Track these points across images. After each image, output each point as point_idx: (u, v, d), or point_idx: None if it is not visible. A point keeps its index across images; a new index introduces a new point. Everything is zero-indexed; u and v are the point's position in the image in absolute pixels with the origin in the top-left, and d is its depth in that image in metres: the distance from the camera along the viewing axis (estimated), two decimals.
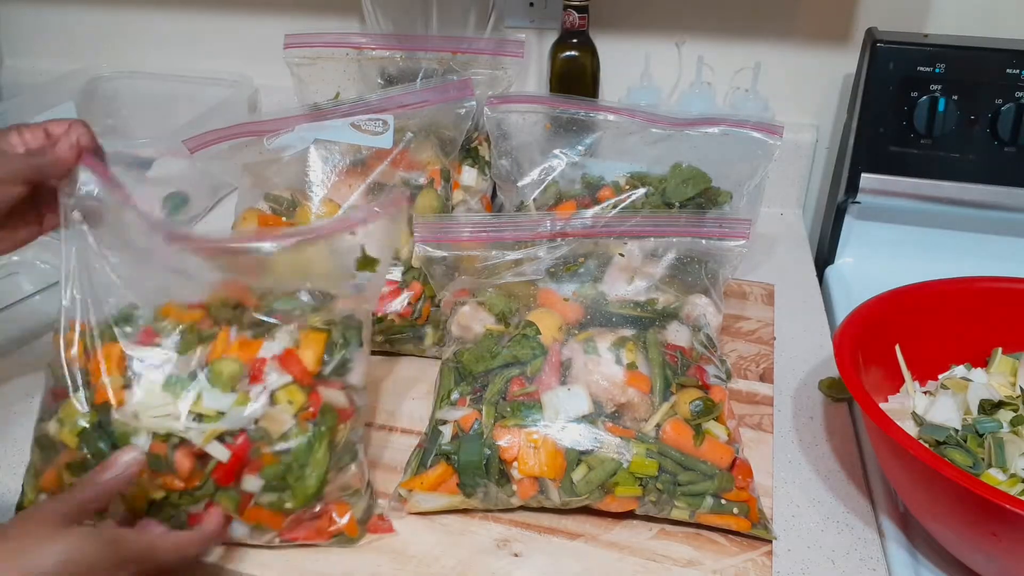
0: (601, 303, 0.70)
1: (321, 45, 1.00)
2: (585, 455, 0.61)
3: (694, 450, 0.61)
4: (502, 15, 1.10)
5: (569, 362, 0.65)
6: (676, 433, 0.62)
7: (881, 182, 0.97)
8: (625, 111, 0.89)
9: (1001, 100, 0.91)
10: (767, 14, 1.09)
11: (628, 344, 0.65)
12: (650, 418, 0.63)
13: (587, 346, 0.65)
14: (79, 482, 0.53)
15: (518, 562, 0.60)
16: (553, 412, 0.62)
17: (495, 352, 0.66)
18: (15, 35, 1.44)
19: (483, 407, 0.63)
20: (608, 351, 0.65)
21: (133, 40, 1.37)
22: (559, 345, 0.66)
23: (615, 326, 0.68)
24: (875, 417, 0.57)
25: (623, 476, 0.60)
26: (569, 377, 0.64)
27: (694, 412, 0.63)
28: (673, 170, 0.86)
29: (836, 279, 1.02)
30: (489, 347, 0.67)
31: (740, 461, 0.63)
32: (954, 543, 0.59)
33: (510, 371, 0.65)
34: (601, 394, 0.63)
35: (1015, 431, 0.64)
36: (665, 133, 0.87)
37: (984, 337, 0.74)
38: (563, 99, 0.90)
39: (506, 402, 0.63)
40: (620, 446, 0.61)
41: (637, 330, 0.68)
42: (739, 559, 0.60)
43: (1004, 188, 0.94)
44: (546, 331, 0.67)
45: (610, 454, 0.60)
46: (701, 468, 0.61)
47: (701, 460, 0.61)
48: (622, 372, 0.64)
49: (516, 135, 0.90)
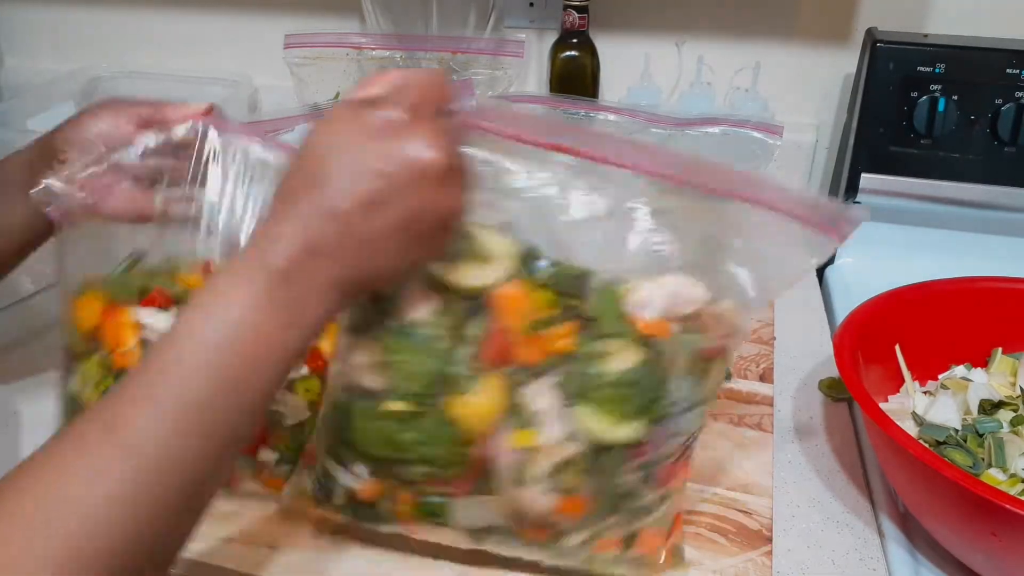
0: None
1: (321, 45, 1.00)
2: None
3: (622, 553, 0.55)
4: (502, 15, 1.10)
5: (492, 465, 0.51)
6: (602, 546, 0.54)
7: (881, 182, 0.97)
8: (625, 111, 0.89)
9: (1001, 100, 0.91)
10: (767, 14, 1.09)
11: (572, 471, 0.51)
12: (572, 536, 0.54)
13: (513, 465, 0.51)
14: None
15: None
16: (463, 520, 0.54)
17: (398, 444, 0.51)
18: (15, 35, 1.44)
19: (384, 483, 0.54)
20: (541, 476, 0.51)
21: (133, 40, 1.37)
22: (482, 447, 0.51)
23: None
24: (875, 417, 0.57)
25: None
26: (486, 484, 0.52)
27: (630, 524, 0.54)
28: None
29: (836, 279, 1.02)
30: (388, 434, 0.51)
31: (675, 527, 0.57)
32: (954, 543, 0.59)
33: (415, 470, 0.52)
34: (523, 513, 0.52)
35: (1015, 431, 0.64)
36: (665, 133, 0.87)
37: (984, 337, 0.74)
38: (563, 99, 0.90)
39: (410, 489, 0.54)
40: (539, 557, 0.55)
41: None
42: (739, 559, 0.60)
43: (1004, 188, 0.94)
44: (474, 428, 0.50)
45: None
46: (627, 562, 0.56)
47: (628, 558, 0.56)
48: (552, 501, 0.52)
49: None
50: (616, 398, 0.50)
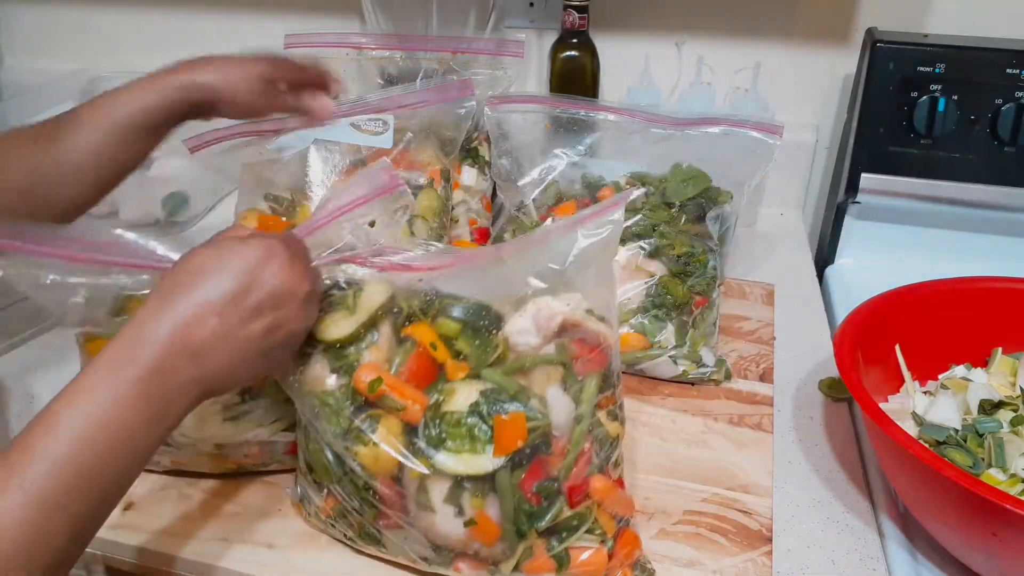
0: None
1: (321, 45, 1.00)
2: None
3: (559, 574, 0.55)
4: (502, 15, 1.10)
5: (405, 502, 0.55)
6: (534, 568, 0.55)
7: (881, 182, 0.97)
8: (625, 111, 0.89)
9: (1001, 100, 0.91)
10: (767, 14, 1.09)
11: (473, 499, 0.53)
12: (503, 564, 0.54)
13: (419, 496, 0.54)
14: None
15: None
16: (393, 548, 0.58)
17: (334, 475, 0.57)
18: (15, 35, 1.44)
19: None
20: (445, 504, 0.53)
21: (133, 40, 1.37)
22: (392, 484, 0.55)
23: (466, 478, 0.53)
24: (875, 417, 0.57)
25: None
26: (407, 518, 0.55)
27: (554, 544, 0.54)
28: (673, 170, 0.86)
29: (836, 279, 1.02)
30: (325, 466, 0.58)
31: (621, 541, 0.57)
32: (954, 543, 0.59)
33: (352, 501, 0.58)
34: (444, 543, 0.55)
35: (1015, 431, 0.64)
36: (665, 133, 0.87)
37: (984, 337, 0.74)
38: (563, 99, 0.90)
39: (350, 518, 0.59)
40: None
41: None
42: (739, 559, 0.60)
43: (1004, 188, 0.94)
44: (376, 469, 0.55)
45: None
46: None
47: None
48: (461, 528, 0.53)
49: (516, 135, 0.90)
50: (462, 435, 0.52)
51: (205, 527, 0.63)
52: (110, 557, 0.63)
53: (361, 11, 1.10)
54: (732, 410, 0.76)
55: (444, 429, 0.53)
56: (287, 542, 0.62)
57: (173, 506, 0.65)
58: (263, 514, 0.64)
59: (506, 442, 0.52)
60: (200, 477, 0.67)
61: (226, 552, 0.61)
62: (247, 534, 0.62)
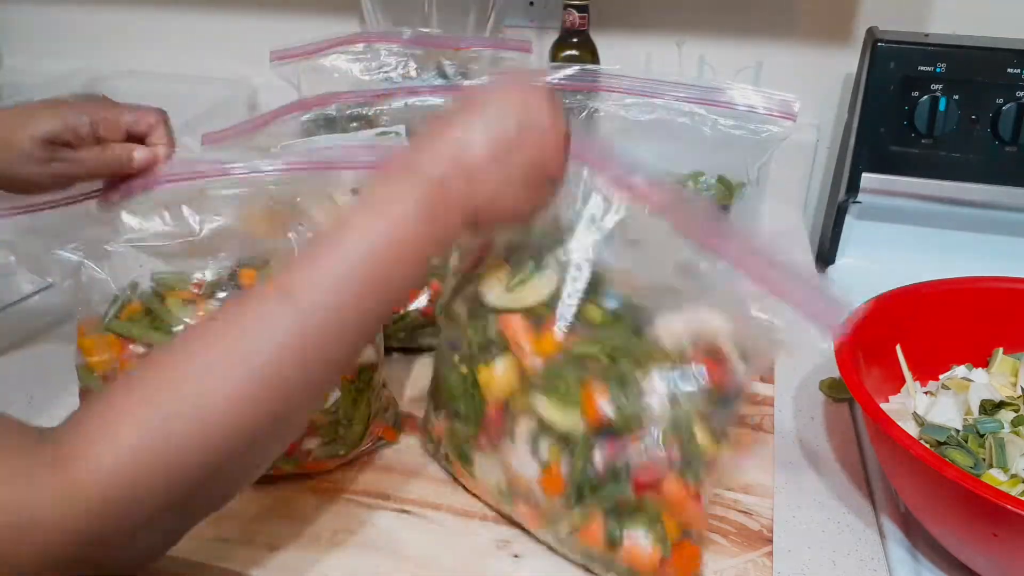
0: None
1: (302, 56, 0.98)
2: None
3: (609, 553, 0.56)
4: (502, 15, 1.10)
5: (507, 429, 0.59)
6: (587, 537, 0.56)
7: (882, 182, 0.97)
8: (628, 90, 0.85)
9: (1002, 100, 0.91)
10: (768, 13, 1.09)
11: (551, 446, 0.56)
12: (560, 523, 0.57)
13: (511, 426, 0.58)
14: None
15: (518, 563, 0.60)
16: (484, 474, 0.62)
17: (454, 395, 0.62)
18: (15, 35, 1.44)
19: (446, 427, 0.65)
20: (526, 444, 0.57)
21: (133, 40, 1.37)
22: (499, 413, 0.59)
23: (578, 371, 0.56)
24: (876, 417, 0.57)
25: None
26: (504, 444, 0.59)
27: (611, 523, 0.56)
28: (693, 177, 0.84)
29: (836, 279, 1.02)
30: (449, 388, 0.63)
31: (680, 551, 0.56)
32: (955, 544, 0.59)
33: (456, 424, 0.63)
34: (515, 480, 0.59)
35: (1016, 431, 0.64)
36: (680, 110, 0.84)
37: (985, 337, 0.74)
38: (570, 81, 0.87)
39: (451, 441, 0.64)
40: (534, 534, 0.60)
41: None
42: (740, 559, 0.60)
43: (1005, 188, 0.94)
44: (493, 396, 0.59)
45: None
46: (617, 570, 0.57)
47: (618, 564, 0.56)
48: (535, 469, 0.57)
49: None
50: (562, 390, 0.55)
51: (205, 527, 0.62)
52: None
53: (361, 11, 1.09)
54: None
55: (553, 378, 0.56)
56: (287, 543, 0.62)
57: None
58: (263, 514, 0.64)
59: (594, 412, 0.54)
60: None
61: (226, 552, 0.61)
62: (247, 534, 0.62)
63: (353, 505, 0.65)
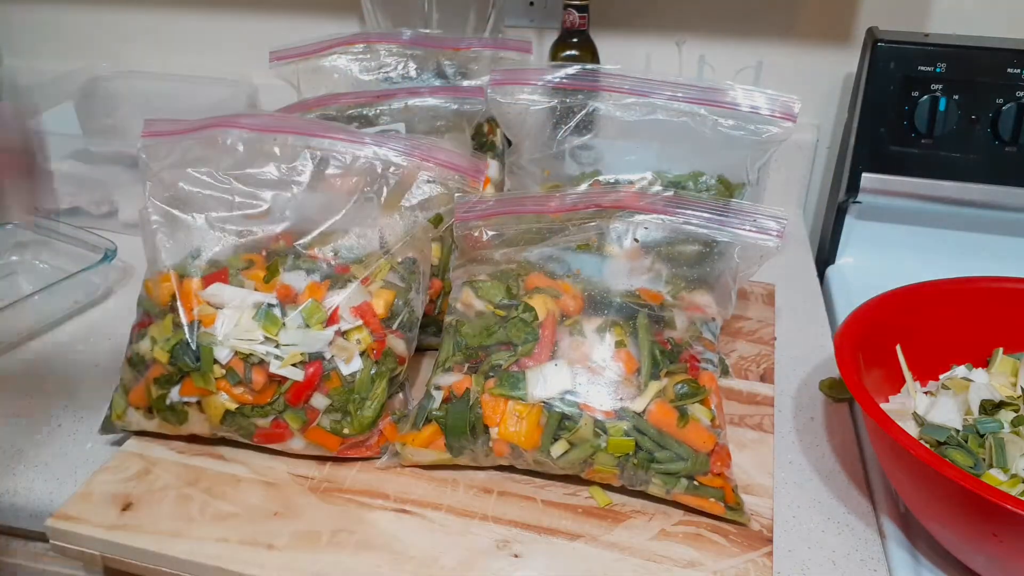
0: (601, 291, 0.69)
1: (301, 56, 0.99)
2: (563, 431, 0.62)
3: (676, 431, 0.62)
4: (502, 15, 1.10)
5: (558, 343, 0.66)
6: (661, 414, 0.63)
7: (882, 182, 0.97)
8: (630, 90, 0.86)
9: (1002, 100, 0.91)
10: (768, 14, 1.09)
11: (616, 328, 0.66)
12: (636, 398, 0.63)
13: (574, 328, 0.66)
14: None
15: (518, 563, 0.60)
16: (536, 386, 0.64)
17: (492, 331, 0.68)
18: (15, 35, 1.44)
19: (474, 376, 0.66)
20: (595, 333, 0.66)
21: (133, 40, 1.37)
22: (551, 329, 0.67)
23: (610, 313, 0.67)
24: (876, 417, 0.57)
25: (601, 456, 0.62)
26: (557, 355, 0.65)
27: (678, 394, 0.63)
28: (693, 178, 0.84)
29: (836, 279, 1.02)
30: (487, 325, 0.68)
31: (720, 447, 0.63)
32: (955, 544, 0.59)
33: (503, 353, 0.67)
34: (586, 372, 0.64)
35: (1016, 431, 0.64)
36: (678, 109, 0.84)
37: (985, 337, 0.74)
38: (571, 80, 0.87)
39: (495, 373, 0.66)
40: (599, 426, 0.62)
41: (630, 317, 0.67)
42: (740, 560, 0.60)
43: (1005, 188, 0.94)
44: (542, 315, 0.67)
45: (587, 435, 0.62)
46: (678, 450, 0.62)
47: (680, 442, 0.62)
48: (610, 351, 0.65)
49: (518, 124, 0.89)
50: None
51: (205, 527, 0.63)
52: (109, 557, 0.63)
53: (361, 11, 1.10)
54: (732, 410, 0.75)
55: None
56: (287, 542, 0.62)
57: (173, 506, 0.65)
58: (263, 514, 0.64)
59: (651, 297, 0.67)
60: (200, 477, 0.67)
61: (226, 552, 0.61)
62: (247, 534, 0.62)
63: (353, 505, 0.65)
